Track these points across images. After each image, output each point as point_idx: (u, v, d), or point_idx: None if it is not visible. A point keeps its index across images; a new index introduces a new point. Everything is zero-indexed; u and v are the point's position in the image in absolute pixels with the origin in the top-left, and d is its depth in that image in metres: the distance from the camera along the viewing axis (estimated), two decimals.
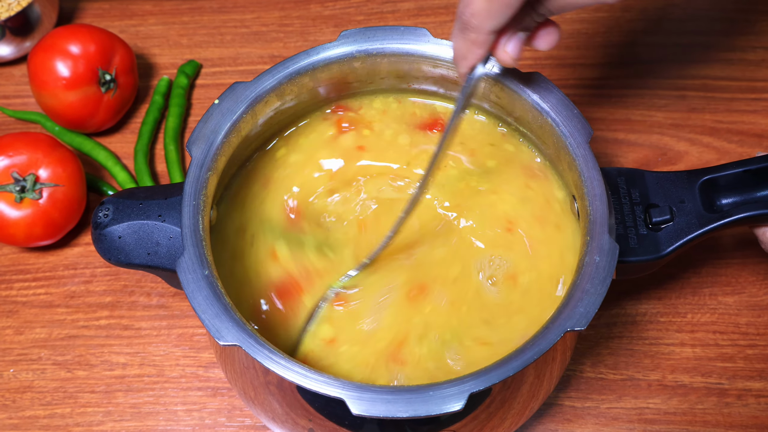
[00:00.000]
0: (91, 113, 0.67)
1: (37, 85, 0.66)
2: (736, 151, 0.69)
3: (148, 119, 0.70)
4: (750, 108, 0.71)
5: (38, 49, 0.66)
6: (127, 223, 0.49)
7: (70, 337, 0.62)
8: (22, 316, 0.63)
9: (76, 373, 0.60)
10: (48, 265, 0.65)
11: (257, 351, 0.43)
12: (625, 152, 0.69)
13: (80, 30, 0.67)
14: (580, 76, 0.73)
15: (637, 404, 0.59)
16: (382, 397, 0.42)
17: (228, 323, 0.44)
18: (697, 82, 0.73)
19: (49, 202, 0.62)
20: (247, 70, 0.74)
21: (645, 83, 0.73)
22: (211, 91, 0.74)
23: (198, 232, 0.47)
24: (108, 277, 0.64)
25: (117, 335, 0.62)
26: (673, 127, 0.70)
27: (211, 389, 0.60)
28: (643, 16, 0.76)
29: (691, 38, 0.75)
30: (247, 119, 0.52)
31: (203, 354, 0.61)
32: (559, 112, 0.50)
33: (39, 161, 0.62)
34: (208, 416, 0.59)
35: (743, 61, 0.73)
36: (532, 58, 0.74)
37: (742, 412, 0.58)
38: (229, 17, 0.78)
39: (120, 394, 0.60)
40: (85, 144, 0.69)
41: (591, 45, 0.75)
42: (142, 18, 0.78)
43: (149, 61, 0.75)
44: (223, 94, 0.52)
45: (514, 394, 0.49)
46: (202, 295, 0.45)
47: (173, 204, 0.49)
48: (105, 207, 0.50)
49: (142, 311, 0.63)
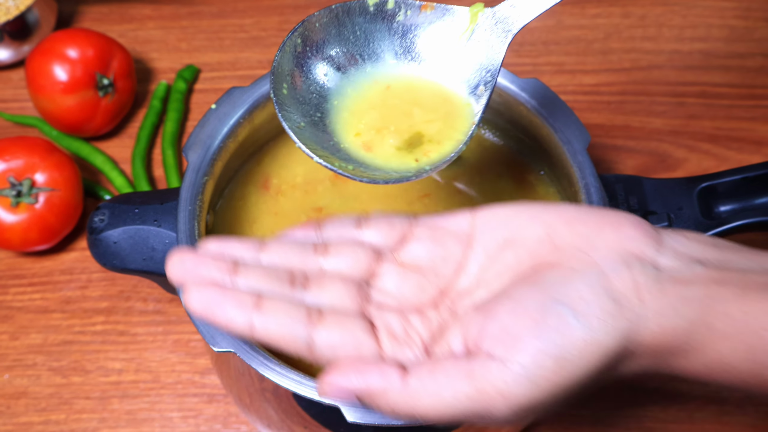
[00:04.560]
0: (89, 118, 0.67)
1: (35, 89, 0.66)
2: (736, 158, 0.69)
3: (146, 124, 0.70)
4: (749, 115, 0.71)
5: (36, 53, 0.66)
6: (123, 228, 0.49)
7: (66, 343, 0.61)
8: (18, 321, 0.62)
9: (72, 379, 0.60)
10: (44, 270, 0.65)
11: (252, 357, 0.43)
12: (623, 159, 0.69)
13: (78, 34, 0.67)
14: (579, 83, 0.73)
15: (635, 412, 0.58)
16: None
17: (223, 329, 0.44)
18: (696, 89, 0.72)
19: (46, 206, 0.62)
20: (246, 75, 0.74)
21: (644, 90, 0.73)
22: (210, 95, 0.73)
23: (194, 238, 0.47)
24: (104, 283, 0.64)
25: (113, 341, 0.62)
26: (672, 133, 0.70)
27: (207, 396, 0.59)
28: (642, 22, 0.76)
29: (690, 45, 0.75)
30: (244, 124, 0.52)
31: (199, 360, 0.61)
32: (557, 119, 0.50)
33: (35, 165, 0.62)
34: (203, 423, 0.58)
35: (742, 67, 0.73)
36: (531, 65, 0.74)
37: (742, 421, 0.58)
38: (228, 22, 0.78)
39: (115, 400, 0.59)
40: (83, 148, 0.69)
41: (590, 51, 0.75)
42: (140, 22, 0.77)
43: (148, 65, 0.75)
44: (220, 99, 0.51)
45: None
46: None
47: (169, 209, 0.49)
48: (101, 212, 0.50)
49: (138, 317, 0.62)
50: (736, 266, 0.34)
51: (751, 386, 0.34)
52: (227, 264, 0.36)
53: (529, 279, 0.35)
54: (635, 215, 0.37)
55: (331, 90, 0.41)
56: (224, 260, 0.36)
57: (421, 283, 0.37)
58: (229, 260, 0.36)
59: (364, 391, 0.34)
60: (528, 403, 0.32)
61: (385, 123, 0.40)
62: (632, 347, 0.34)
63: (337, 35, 0.40)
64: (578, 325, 0.33)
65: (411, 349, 0.36)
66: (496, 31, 0.40)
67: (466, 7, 0.40)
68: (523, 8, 0.39)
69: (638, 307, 0.33)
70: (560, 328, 0.33)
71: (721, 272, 0.34)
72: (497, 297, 0.35)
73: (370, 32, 0.41)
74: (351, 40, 0.41)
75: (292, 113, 0.39)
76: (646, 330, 0.33)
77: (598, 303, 0.33)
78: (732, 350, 0.33)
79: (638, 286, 0.34)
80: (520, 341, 0.33)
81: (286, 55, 0.40)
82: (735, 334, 0.33)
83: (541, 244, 0.36)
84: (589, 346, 0.33)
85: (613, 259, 0.34)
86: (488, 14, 0.40)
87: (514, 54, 0.74)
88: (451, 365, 0.34)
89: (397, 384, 0.33)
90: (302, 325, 0.34)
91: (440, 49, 0.41)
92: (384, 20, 0.41)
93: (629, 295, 0.34)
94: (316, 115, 0.40)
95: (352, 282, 0.37)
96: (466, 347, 0.35)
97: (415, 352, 0.35)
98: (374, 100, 0.41)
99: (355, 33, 0.41)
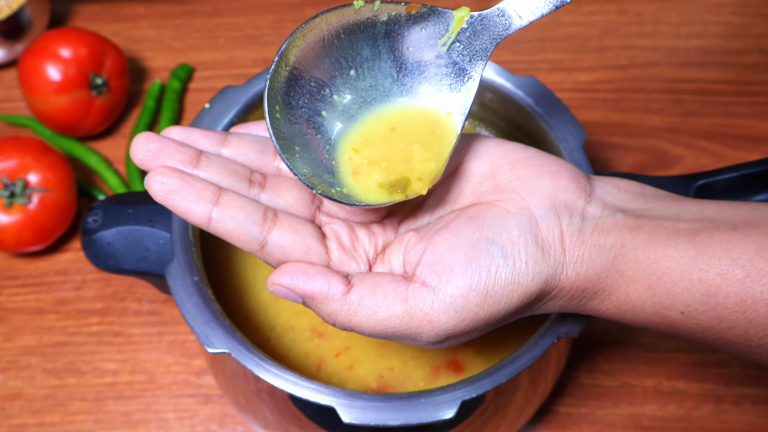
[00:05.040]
0: (82, 117, 0.67)
1: (28, 89, 0.66)
2: (733, 155, 0.69)
3: (140, 123, 0.70)
4: (746, 112, 0.71)
5: (29, 53, 0.66)
6: (117, 228, 0.49)
7: (60, 344, 0.61)
8: (12, 322, 0.62)
9: (66, 380, 0.60)
10: (38, 271, 0.64)
11: (247, 358, 0.43)
12: (620, 156, 0.69)
13: (71, 33, 0.66)
14: (575, 80, 0.73)
15: (633, 411, 0.58)
16: (373, 405, 0.41)
17: (218, 330, 0.43)
18: (693, 86, 0.72)
19: (39, 207, 0.61)
20: (240, 74, 0.74)
21: (641, 87, 0.72)
22: (204, 95, 0.73)
23: (188, 238, 0.47)
24: (99, 283, 0.63)
25: (108, 342, 0.61)
26: (669, 131, 0.70)
27: (203, 396, 0.59)
28: (639, 19, 0.76)
29: (686, 42, 0.75)
30: (237, 123, 0.51)
31: (195, 360, 0.60)
32: (553, 116, 0.50)
33: (29, 166, 0.61)
34: (199, 424, 0.58)
35: (739, 64, 0.73)
36: (527, 62, 0.74)
37: (739, 419, 0.58)
38: (222, 20, 0.77)
39: (110, 401, 0.59)
40: (76, 148, 0.68)
41: (586, 48, 0.74)
42: (134, 21, 0.77)
43: (141, 64, 0.75)
44: (214, 99, 0.51)
45: (508, 401, 0.48)
46: (191, 301, 0.44)
47: (163, 209, 0.49)
48: (94, 212, 0.49)
49: (133, 317, 0.62)
50: (653, 214, 0.37)
51: (657, 325, 0.37)
52: (190, 153, 0.37)
53: (469, 214, 0.38)
54: (573, 166, 0.39)
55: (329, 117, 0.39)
56: (186, 148, 0.37)
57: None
58: (191, 149, 0.38)
59: (308, 293, 0.36)
60: (452, 330, 0.36)
61: (379, 158, 0.39)
62: (550, 290, 0.37)
63: (325, 55, 0.39)
64: (505, 266, 0.36)
65: (356, 262, 0.38)
66: (482, 37, 0.38)
67: (452, 11, 0.39)
68: (512, 16, 0.38)
69: (560, 254, 0.36)
70: (489, 267, 0.36)
71: (637, 220, 0.37)
72: (438, 228, 0.38)
73: (358, 44, 0.39)
74: (341, 59, 0.39)
75: (285, 136, 0.38)
76: (564, 275, 0.37)
77: (526, 247, 0.36)
78: (638, 293, 0.36)
79: (563, 236, 0.37)
80: (452, 273, 0.36)
81: (278, 81, 0.38)
82: (641, 278, 0.36)
83: (485, 181, 0.39)
84: (512, 286, 0.36)
85: (545, 207, 0.37)
86: (476, 19, 0.38)
87: (510, 52, 0.74)
88: (390, 287, 0.36)
89: (339, 294, 0.36)
90: (257, 225, 0.36)
91: (427, 62, 0.39)
92: (370, 28, 0.39)
93: (554, 242, 0.37)
94: (313, 137, 0.39)
95: (306, 188, 0.39)
96: (404, 270, 0.37)
97: (360, 265, 0.38)
98: (376, 137, 0.40)
99: (344, 53, 0.39)
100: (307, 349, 0.49)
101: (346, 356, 0.49)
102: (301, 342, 0.49)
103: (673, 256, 0.35)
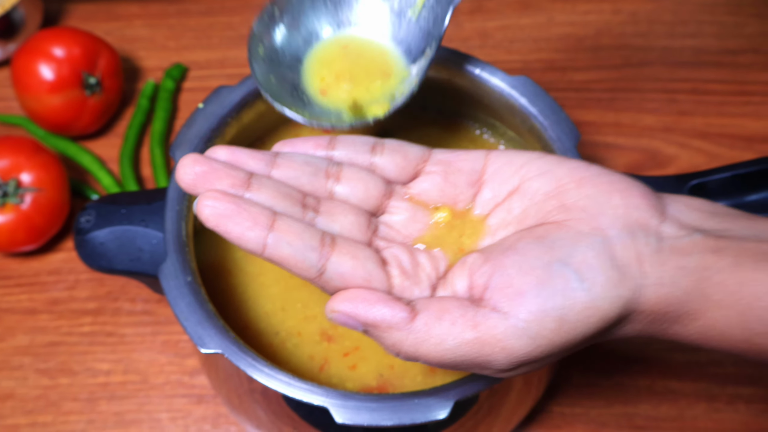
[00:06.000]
0: (76, 117, 0.67)
1: (21, 89, 0.66)
2: (727, 154, 0.69)
3: (133, 123, 0.70)
4: (740, 111, 0.71)
5: (22, 52, 0.65)
6: (110, 228, 0.49)
7: (53, 344, 0.61)
8: (4, 322, 0.62)
9: (59, 380, 0.60)
10: (30, 271, 0.64)
11: (240, 359, 0.43)
12: (614, 156, 0.69)
13: (65, 33, 0.66)
14: (569, 80, 0.73)
15: (626, 410, 0.58)
16: (367, 406, 0.41)
17: (211, 331, 0.43)
18: (687, 86, 0.72)
19: (32, 207, 0.61)
20: (234, 74, 0.74)
21: (635, 86, 0.72)
22: (198, 94, 0.73)
23: (181, 238, 0.47)
24: (92, 283, 0.63)
25: (101, 342, 0.61)
26: (663, 130, 0.70)
27: (197, 396, 0.59)
28: (633, 19, 0.76)
29: (681, 41, 0.75)
30: (231, 123, 0.51)
31: (188, 361, 0.60)
32: (547, 116, 0.50)
33: (21, 165, 0.61)
34: (192, 424, 0.58)
35: (733, 64, 0.73)
36: (521, 62, 0.74)
37: (733, 418, 0.58)
38: (216, 20, 0.77)
39: (103, 401, 0.59)
40: (70, 148, 0.68)
41: (580, 48, 0.74)
42: (128, 21, 0.77)
43: (135, 64, 0.74)
44: (208, 98, 0.51)
45: (501, 400, 0.48)
46: (184, 302, 0.44)
47: (156, 209, 0.49)
48: (87, 212, 0.49)
49: (126, 317, 0.62)
50: (732, 234, 0.35)
51: (744, 351, 0.35)
52: (240, 177, 0.36)
53: (536, 235, 0.36)
54: (642, 183, 0.37)
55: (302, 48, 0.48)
56: (236, 171, 0.36)
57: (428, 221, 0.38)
58: (241, 172, 0.36)
59: (370, 321, 0.34)
60: (526, 357, 0.34)
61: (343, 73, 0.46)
62: (630, 314, 0.35)
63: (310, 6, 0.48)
64: (581, 290, 0.33)
65: (419, 287, 0.36)
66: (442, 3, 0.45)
67: None
68: None
69: (639, 277, 0.34)
70: (564, 291, 0.33)
71: (718, 241, 0.35)
72: (504, 249, 0.36)
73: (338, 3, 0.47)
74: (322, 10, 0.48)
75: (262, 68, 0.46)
76: (644, 299, 0.34)
77: (602, 270, 0.34)
78: (726, 318, 0.34)
79: (640, 257, 0.34)
80: (525, 298, 0.33)
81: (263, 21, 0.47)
82: (729, 303, 0.34)
83: (549, 199, 0.37)
84: (589, 311, 0.34)
85: (619, 227, 0.35)
86: None
87: (504, 51, 0.74)
88: (458, 312, 0.34)
89: (403, 322, 0.34)
90: (315, 251, 0.34)
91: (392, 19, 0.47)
92: None
93: (632, 264, 0.34)
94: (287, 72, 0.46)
95: (362, 212, 0.37)
96: (470, 294, 0.35)
97: (423, 291, 0.36)
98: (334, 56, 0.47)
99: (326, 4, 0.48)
100: (312, 352, 0.49)
101: (354, 356, 0.48)
102: (306, 346, 0.49)
103: (763, 281, 0.33)
